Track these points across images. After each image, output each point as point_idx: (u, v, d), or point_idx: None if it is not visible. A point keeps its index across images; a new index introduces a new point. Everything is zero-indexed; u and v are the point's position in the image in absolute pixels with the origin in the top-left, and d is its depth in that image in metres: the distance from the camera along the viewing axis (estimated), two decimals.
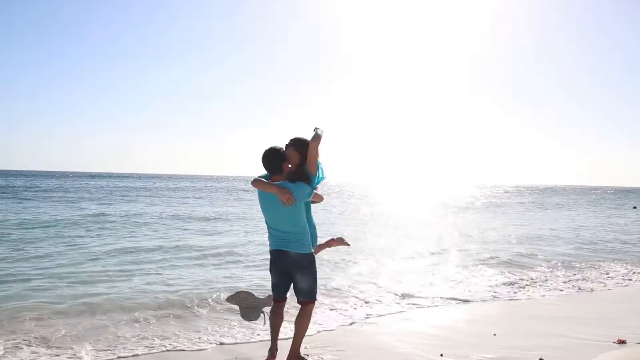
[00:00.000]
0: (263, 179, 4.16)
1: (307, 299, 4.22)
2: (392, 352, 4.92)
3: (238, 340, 5.28)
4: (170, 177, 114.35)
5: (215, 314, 6.24)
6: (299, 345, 4.30)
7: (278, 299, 4.36)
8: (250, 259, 10.24)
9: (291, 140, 4.23)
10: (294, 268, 4.18)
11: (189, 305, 6.51)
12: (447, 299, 7.32)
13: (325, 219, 19.86)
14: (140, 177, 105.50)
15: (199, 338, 5.31)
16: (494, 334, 5.56)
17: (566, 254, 12.15)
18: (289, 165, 4.16)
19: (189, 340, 5.22)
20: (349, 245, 4.82)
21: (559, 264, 10.65)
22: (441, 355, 4.80)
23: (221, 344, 5.18)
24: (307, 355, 4.64)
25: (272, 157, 4.12)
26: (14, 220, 16.06)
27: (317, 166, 4.19)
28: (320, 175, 4.30)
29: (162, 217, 19.06)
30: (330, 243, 4.76)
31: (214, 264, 9.77)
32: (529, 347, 5.08)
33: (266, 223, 4.30)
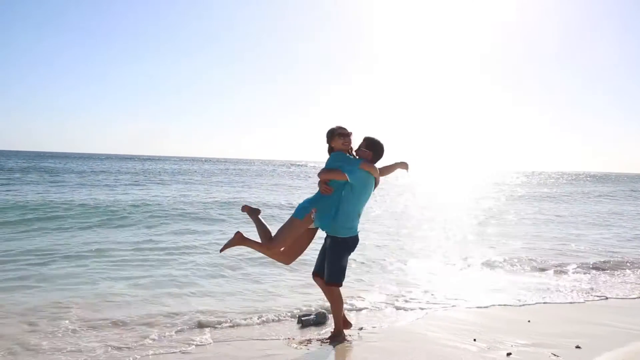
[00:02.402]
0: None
1: None
2: (423, 336, 4.94)
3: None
4: (210, 160, 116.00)
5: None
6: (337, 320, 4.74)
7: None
8: None
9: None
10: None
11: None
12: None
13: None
14: (181, 159, 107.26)
15: None
16: (528, 321, 5.50)
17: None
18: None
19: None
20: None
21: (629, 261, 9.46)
22: (474, 340, 4.79)
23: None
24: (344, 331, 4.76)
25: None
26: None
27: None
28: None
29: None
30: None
31: None
32: (564, 334, 5.01)
33: (355, 209, 4.54)
